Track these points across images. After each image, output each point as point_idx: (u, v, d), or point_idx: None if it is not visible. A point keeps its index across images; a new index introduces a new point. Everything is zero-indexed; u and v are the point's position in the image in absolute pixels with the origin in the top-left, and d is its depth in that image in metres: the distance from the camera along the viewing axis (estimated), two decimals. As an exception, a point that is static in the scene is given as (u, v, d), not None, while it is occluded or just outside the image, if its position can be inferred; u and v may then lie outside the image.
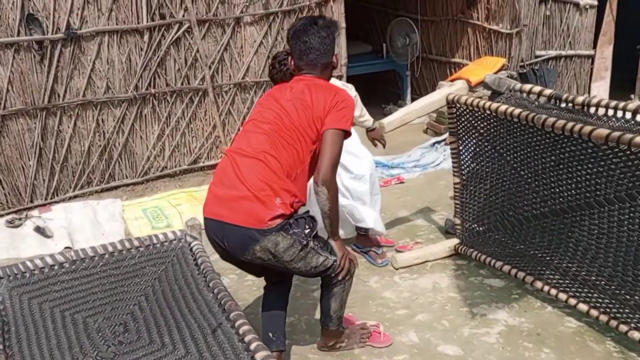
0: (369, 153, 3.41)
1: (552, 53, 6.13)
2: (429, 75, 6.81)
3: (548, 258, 2.82)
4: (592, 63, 6.42)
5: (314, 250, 2.24)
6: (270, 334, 2.40)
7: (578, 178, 2.50)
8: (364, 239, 3.46)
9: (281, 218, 2.16)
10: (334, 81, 2.70)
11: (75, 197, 4.46)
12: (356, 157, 3.28)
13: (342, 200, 3.23)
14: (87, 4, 4.23)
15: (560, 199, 2.63)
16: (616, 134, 2.19)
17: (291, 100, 2.32)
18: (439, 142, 5.36)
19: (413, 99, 6.62)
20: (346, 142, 2.36)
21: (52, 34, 4.14)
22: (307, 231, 2.21)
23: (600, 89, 6.41)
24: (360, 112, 3.39)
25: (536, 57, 6.02)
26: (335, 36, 2.41)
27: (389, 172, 4.78)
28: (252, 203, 2.13)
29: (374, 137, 3.51)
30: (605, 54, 6.36)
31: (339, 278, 2.35)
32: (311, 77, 2.38)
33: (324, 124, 2.26)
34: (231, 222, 2.15)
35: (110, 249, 2.30)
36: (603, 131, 2.25)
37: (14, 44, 4.03)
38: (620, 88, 6.39)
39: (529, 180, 2.77)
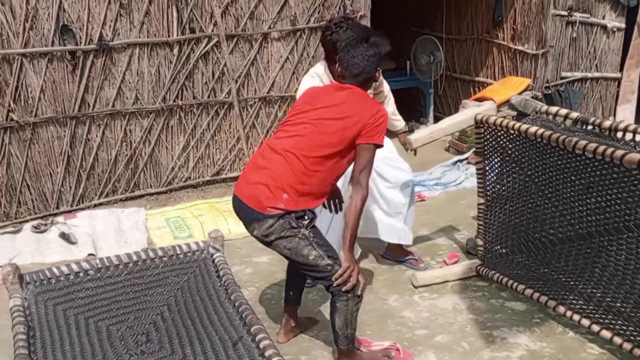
0: (407, 164, 3.40)
1: (578, 75, 6.08)
2: (452, 93, 6.79)
3: (572, 283, 2.78)
4: (619, 86, 6.35)
5: (307, 240, 2.35)
6: (291, 292, 2.81)
7: (607, 202, 2.47)
8: (398, 249, 3.51)
9: (282, 211, 2.34)
10: None
11: (100, 204, 4.53)
12: (394, 168, 3.29)
13: (373, 207, 3.30)
14: (119, 17, 4.33)
15: (588, 223, 2.60)
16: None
17: (327, 107, 2.46)
18: (461, 161, 5.33)
19: (436, 117, 6.63)
20: (384, 152, 2.70)
21: (84, 44, 4.23)
22: (305, 221, 2.36)
23: (626, 112, 6.33)
24: (393, 110, 3.40)
25: (562, 78, 5.97)
26: (381, 55, 2.59)
27: (411, 190, 4.76)
28: (262, 189, 2.37)
29: (405, 141, 3.44)
30: (632, 77, 6.29)
31: (342, 290, 2.35)
32: (353, 87, 2.53)
33: (361, 136, 2.41)
34: (243, 200, 2.43)
35: (134, 257, 2.33)
36: (635, 156, 2.23)
37: (48, 54, 4.14)
38: (647, 112, 6.31)
39: (556, 202, 2.74)
